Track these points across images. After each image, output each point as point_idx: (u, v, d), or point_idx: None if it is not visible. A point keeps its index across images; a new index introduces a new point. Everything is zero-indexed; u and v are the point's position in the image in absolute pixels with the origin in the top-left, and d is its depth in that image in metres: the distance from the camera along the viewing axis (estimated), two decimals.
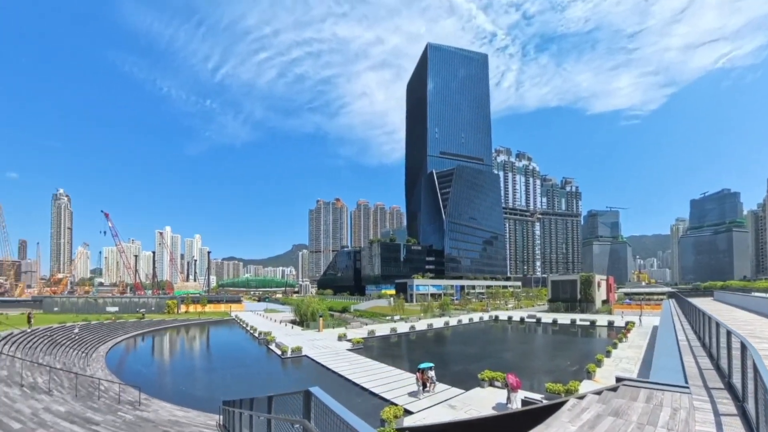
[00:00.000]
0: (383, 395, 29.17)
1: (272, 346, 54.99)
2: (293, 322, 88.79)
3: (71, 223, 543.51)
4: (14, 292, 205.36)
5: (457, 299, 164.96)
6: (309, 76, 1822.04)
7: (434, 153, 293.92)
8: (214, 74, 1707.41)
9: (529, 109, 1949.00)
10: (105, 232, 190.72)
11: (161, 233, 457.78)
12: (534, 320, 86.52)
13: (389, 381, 33.37)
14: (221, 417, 21.47)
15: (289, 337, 62.97)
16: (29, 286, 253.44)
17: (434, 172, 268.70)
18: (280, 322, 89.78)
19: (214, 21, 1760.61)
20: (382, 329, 70.08)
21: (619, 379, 10.96)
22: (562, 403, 9.80)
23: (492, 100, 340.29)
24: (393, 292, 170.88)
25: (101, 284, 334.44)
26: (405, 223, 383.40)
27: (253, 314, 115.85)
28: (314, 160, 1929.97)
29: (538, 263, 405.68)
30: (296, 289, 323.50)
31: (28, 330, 53.94)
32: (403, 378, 34.41)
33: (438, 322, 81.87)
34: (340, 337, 58.58)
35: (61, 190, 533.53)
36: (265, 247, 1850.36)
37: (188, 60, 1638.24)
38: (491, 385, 29.88)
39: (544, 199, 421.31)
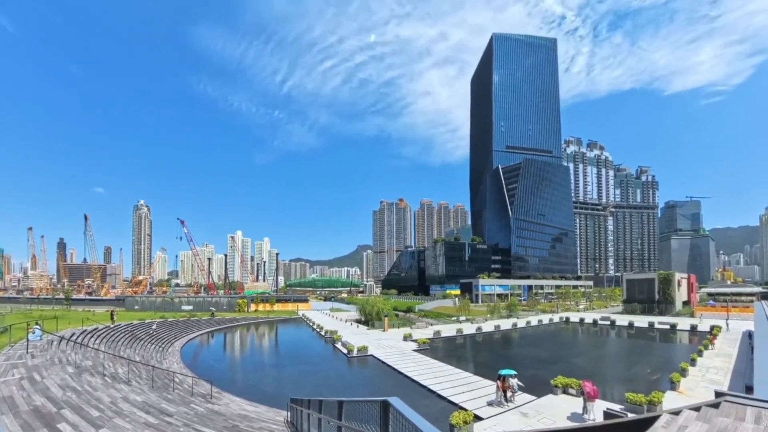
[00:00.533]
0: (451, 399, 28.32)
1: (338, 345, 55.54)
2: (358, 321, 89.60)
3: (151, 231, 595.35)
4: (100, 292, 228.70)
5: (524, 300, 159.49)
6: (372, 79, 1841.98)
7: (500, 147, 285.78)
8: (282, 86, 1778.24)
9: (600, 94, 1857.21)
10: (181, 238, 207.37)
11: (233, 237, 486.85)
12: (608, 323, 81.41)
13: (457, 384, 32.41)
14: (289, 413, 21.57)
15: (354, 336, 63.45)
16: (113, 287, 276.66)
17: (500, 167, 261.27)
18: (346, 321, 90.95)
19: (282, 36, 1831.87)
20: (447, 330, 68.89)
21: (718, 394, 9.51)
22: (653, 419, 8.75)
23: (561, 87, 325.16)
24: (458, 292, 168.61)
25: (177, 285, 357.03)
26: (470, 221, 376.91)
27: (319, 313, 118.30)
28: (378, 161, 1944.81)
29: (610, 261, 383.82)
30: (361, 289, 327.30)
31: (111, 325, 58.24)
32: (471, 381, 33.36)
33: (505, 324, 79.25)
34: (406, 337, 58.09)
35: (142, 202, 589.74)
36: (331, 248, 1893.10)
37: (257, 75, 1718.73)
38: (565, 392, 28.12)
39: (618, 191, 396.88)
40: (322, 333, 69.71)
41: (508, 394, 26.40)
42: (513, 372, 27.12)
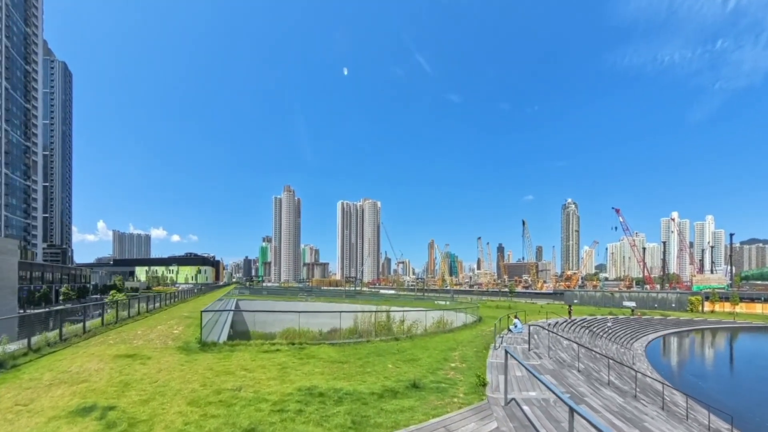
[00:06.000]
0: None
1: None
2: None
3: (578, 226, 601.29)
4: (535, 286, 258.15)
5: None
6: None
7: None
8: (726, 4, 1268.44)
9: None
10: (616, 228, 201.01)
11: (672, 220, 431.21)
12: None
13: None
14: None
15: None
16: (545, 282, 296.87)
17: None
18: None
19: None
20: None
21: None
22: None
23: None
24: None
25: (606, 279, 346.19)
26: None
27: None
28: None
29: None
30: None
31: (569, 319, 60.08)
32: None
33: None
34: None
35: (570, 200, 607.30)
36: None
37: (693, 8, 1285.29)
38: None
39: None
40: None
41: None
42: None
